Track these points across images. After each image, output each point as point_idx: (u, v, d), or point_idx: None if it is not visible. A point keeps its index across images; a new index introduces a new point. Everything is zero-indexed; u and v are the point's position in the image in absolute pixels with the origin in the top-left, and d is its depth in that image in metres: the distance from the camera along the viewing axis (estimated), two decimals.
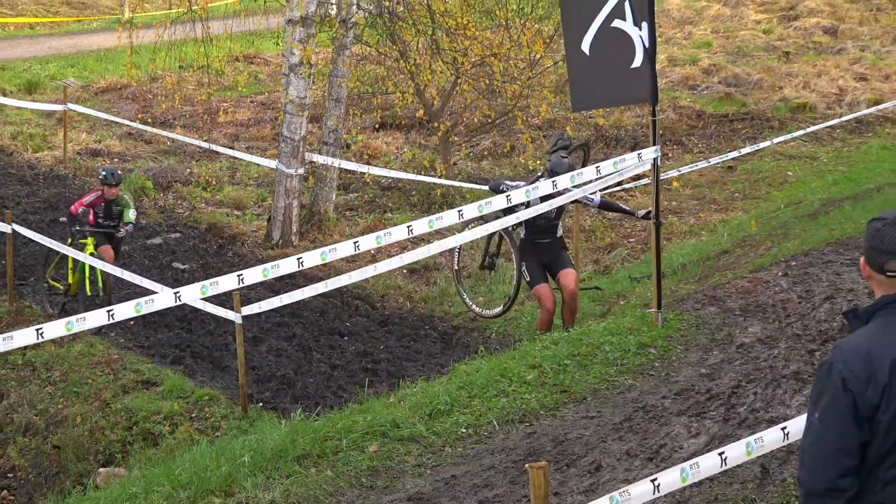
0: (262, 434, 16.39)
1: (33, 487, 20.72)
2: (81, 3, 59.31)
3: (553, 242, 19.05)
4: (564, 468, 13.59)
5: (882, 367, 6.96)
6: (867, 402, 6.98)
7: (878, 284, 7.22)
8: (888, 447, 7.04)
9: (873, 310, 7.22)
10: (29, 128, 37.21)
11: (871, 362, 6.98)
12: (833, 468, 7.13)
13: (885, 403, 6.97)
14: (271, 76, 40.60)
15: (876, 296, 7.27)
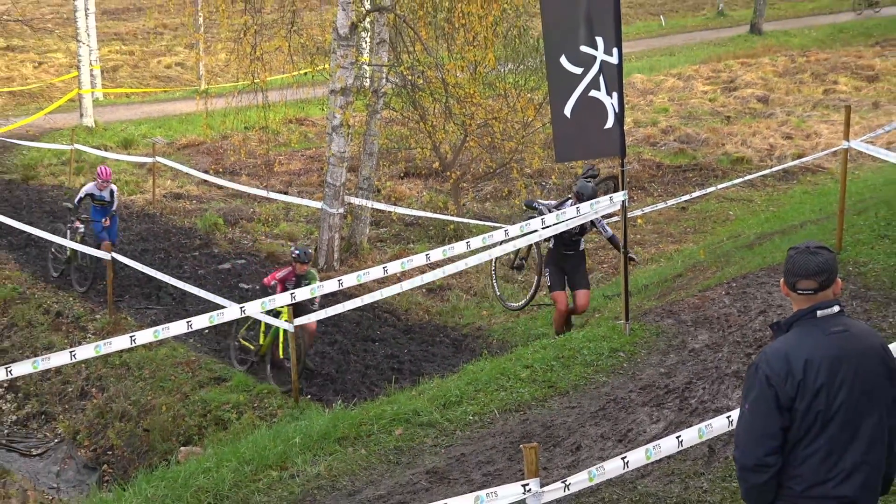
0: (310, 420, 16.40)
1: (128, 462, 20.70)
2: (167, 77, 59.30)
3: (575, 255, 18.89)
4: (551, 448, 13.58)
5: (797, 367, 7.16)
6: (786, 395, 7.18)
7: (794, 301, 7.44)
8: (804, 430, 7.23)
9: (791, 321, 7.43)
10: (125, 176, 37.22)
11: (788, 363, 7.20)
12: (761, 448, 7.29)
13: (800, 396, 7.18)
14: (317, 135, 40.59)
15: (794, 310, 7.42)
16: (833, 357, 7.25)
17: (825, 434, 7.25)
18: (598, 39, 16.11)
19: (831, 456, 7.27)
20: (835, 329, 7.33)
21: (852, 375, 7.26)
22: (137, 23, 70.52)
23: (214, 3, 34.97)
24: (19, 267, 28.77)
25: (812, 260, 7.33)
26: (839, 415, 7.25)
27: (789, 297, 7.46)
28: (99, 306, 25.43)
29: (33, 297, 26.83)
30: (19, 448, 22.70)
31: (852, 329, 7.43)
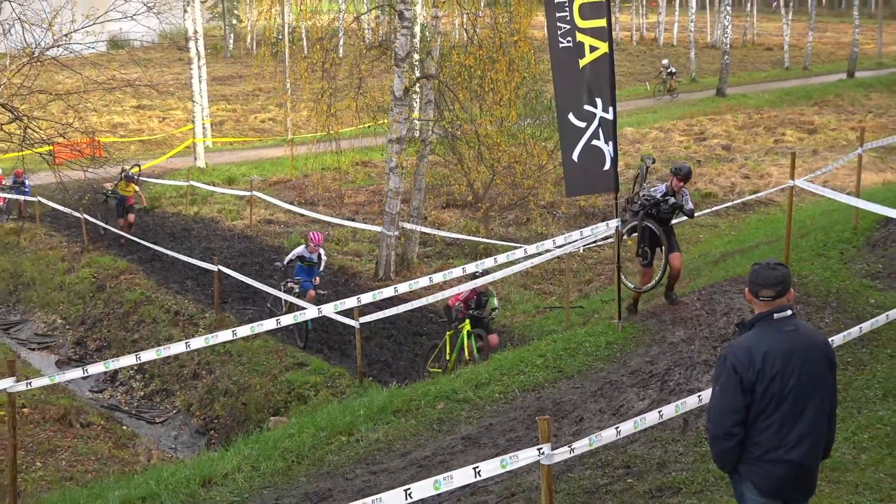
0: (371, 397, 16.34)
1: (229, 429, 20.68)
2: (262, 129, 59.43)
3: (666, 230, 17.54)
4: (560, 420, 13.51)
5: (758, 358, 7.28)
6: (748, 379, 7.35)
7: (756, 305, 7.55)
8: (762, 408, 7.38)
9: (753, 321, 7.55)
10: (228, 206, 37.30)
11: (751, 355, 7.32)
12: (728, 421, 7.41)
13: (759, 380, 7.30)
14: (378, 174, 40.61)
15: (755, 312, 7.47)
16: (786, 350, 7.38)
17: (779, 411, 7.37)
18: (598, 100, 16.19)
19: (784, 428, 7.38)
20: (787, 328, 7.47)
21: (801, 365, 7.40)
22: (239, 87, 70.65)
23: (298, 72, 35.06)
24: (146, 276, 28.87)
25: (772, 273, 7.48)
26: (790, 396, 7.38)
27: (752, 302, 7.56)
28: (208, 307, 25.46)
29: (157, 299, 26.91)
30: (146, 417, 22.75)
31: (801, 329, 7.58)
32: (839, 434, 8.77)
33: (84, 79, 21.56)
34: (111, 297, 28.24)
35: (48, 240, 34.21)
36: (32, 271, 31.72)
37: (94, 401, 23.57)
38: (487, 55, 28.14)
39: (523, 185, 31.69)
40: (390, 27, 29.36)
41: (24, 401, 19.67)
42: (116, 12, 20.32)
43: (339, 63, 31.54)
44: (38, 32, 19.79)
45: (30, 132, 19.09)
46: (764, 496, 7.52)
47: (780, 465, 7.41)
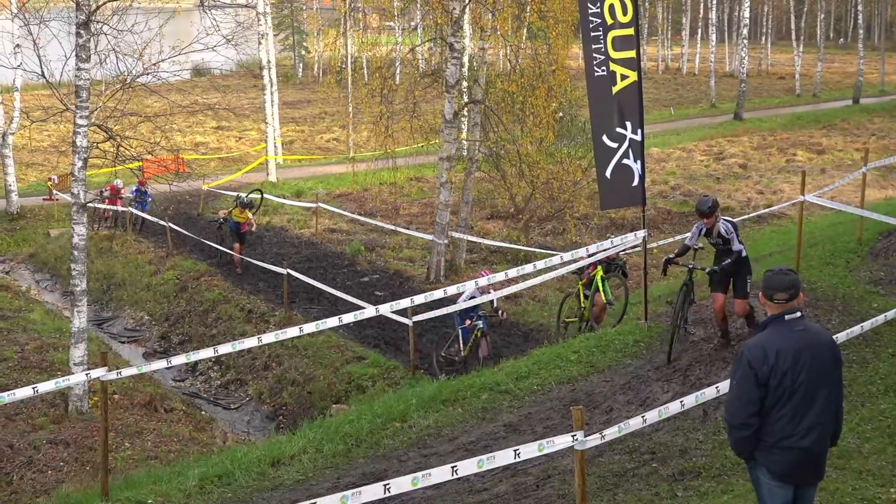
0: (423, 388, 16.36)
1: (296, 415, 20.74)
2: (327, 147, 59.41)
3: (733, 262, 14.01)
4: (592, 410, 13.46)
5: (771, 355, 7.27)
6: (763, 374, 7.36)
7: (769, 308, 7.55)
8: (775, 400, 7.36)
9: (766, 322, 7.54)
10: (296, 216, 37.41)
11: (765, 352, 7.32)
12: (745, 411, 7.45)
13: (773, 375, 7.29)
14: (430, 188, 40.60)
15: (768, 314, 7.47)
16: (796, 348, 7.38)
17: (791, 403, 7.37)
18: (628, 123, 16.18)
19: (795, 418, 7.37)
20: (798, 328, 7.47)
21: (810, 361, 7.39)
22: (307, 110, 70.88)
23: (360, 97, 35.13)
24: (224, 278, 28.99)
25: (784, 278, 7.50)
26: (801, 389, 7.37)
27: (766, 305, 7.55)
28: (277, 306, 25.53)
29: (233, 299, 27.02)
30: (222, 404, 22.84)
31: (810, 329, 7.58)
32: (845, 425, 8.67)
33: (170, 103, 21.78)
34: (192, 296, 28.39)
35: (137, 245, 34.43)
36: (123, 273, 31.94)
37: (177, 389, 23.71)
38: (528, 83, 28.08)
39: (560, 198, 31.57)
40: (442, 57, 29.35)
41: (114, 388, 19.82)
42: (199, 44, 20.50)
43: (396, 89, 31.57)
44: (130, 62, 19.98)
45: (122, 150, 19.29)
46: (777, 480, 7.50)
47: (792, 452, 7.40)
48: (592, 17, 16.26)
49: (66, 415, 18.81)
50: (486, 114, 29.07)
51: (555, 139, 30.46)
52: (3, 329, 24.63)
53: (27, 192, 45.12)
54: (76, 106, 18.25)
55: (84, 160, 18.46)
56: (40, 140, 58.01)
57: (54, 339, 23.82)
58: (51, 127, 56.33)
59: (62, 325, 24.83)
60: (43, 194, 43.81)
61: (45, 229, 39.80)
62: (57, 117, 20.87)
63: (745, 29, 63.39)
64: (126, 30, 19.80)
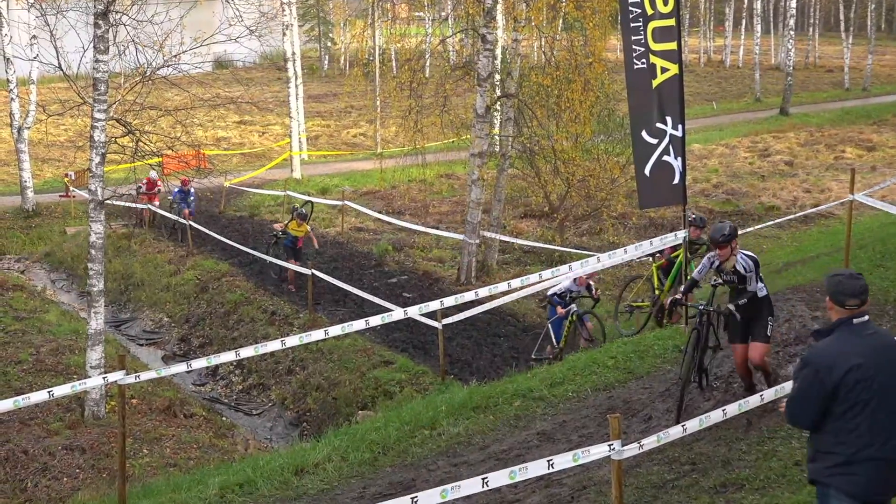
0: (453, 393, 16.36)
1: (320, 421, 20.77)
2: (353, 143, 59.65)
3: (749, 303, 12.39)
4: (630, 418, 13.42)
5: (840, 361, 7.19)
6: (831, 381, 7.18)
7: (837, 313, 7.39)
8: (847, 408, 7.23)
9: (833, 327, 7.43)
10: (322, 214, 37.48)
11: (832, 358, 7.23)
12: (806, 416, 7.37)
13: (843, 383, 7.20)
14: (461, 186, 40.60)
15: (832, 319, 7.45)
16: (868, 353, 7.26)
17: (866, 411, 7.20)
18: (668, 118, 16.16)
19: (873, 427, 7.19)
20: (867, 332, 7.37)
21: (884, 365, 7.26)
22: (333, 104, 71.00)
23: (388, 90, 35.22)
24: (246, 278, 29.09)
25: (857, 283, 7.40)
26: (877, 396, 7.22)
27: (832, 310, 7.43)
28: (302, 308, 25.59)
29: (255, 300, 27.10)
30: (244, 409, 22.90)
31: (879, 332, 7.51)
32: None
33: (191, 96, 21.85)
34: (213, 297, 28.49)
35: (156, 244, 34.59)
36: (142, 273, 32.09)
37: (197, 393, 23.79)
38: (564, 76, 28.06)
39: (597, 197, 31.52)
40: (473, 49, 29.37)
41: (132, 392, 19.92)
42: (222, 35, 20.57)
43: (426, 82, 31.60)
44: (150, 53, 20.07)
45: (141, 145, 19.38)
46: (854, 500, 7.28)
47: (871, 464, 7.19)
48: (632, 7, 16.25)
49: (83, 420, 18.90)
50: (520, 108, 29.05)
51: (591, 135, 30.41)
52: (17, 331, 24.79)
53: (43, 188, 45.39)
54: (94, 99, 18.34)
55: (102, 156, 18.54)
56: (57, 135, 58.33)
57: (70, 342, 23.95)
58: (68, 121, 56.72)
59: (78, 327, 24.95)
60: (59, 191, 44.06)
61: (61, 227, 40.00)
62: (74, 111, 21.01)
63: (791, 19, 63.07)
64: (146, 20, 19.88)
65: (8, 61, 39.95)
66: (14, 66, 40.25)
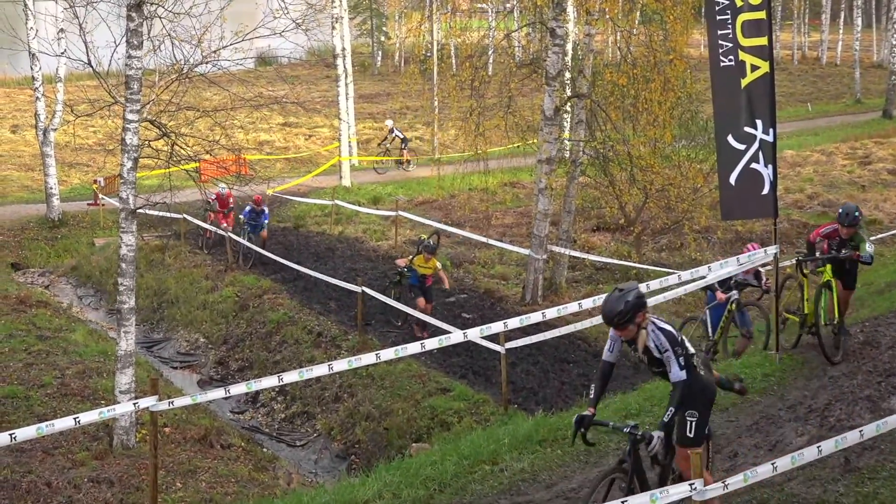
0: (516, 425, 16.32)
1: (370, 454, 20.79)
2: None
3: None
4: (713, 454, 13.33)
5: None
6: None
7: None
8: None
9: None
10: (373, 226, 37.63)
11: None
12: None
13: None
14: (527, 195, 40.60)
15: None
16: None
17: None
18: (758, 121, 16.08)
19: None
20: None
21: None
22: (386, 105, 71.29)
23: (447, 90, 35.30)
24: (289, 296, 29.22)
25: None
26: None
27: None
28: (351, 329, 25.66)
29: (300, 320, 27.21)
30: (286, 440, 22.99)
31: None
32: None
33: (231, 95, 21.97)
34: (254, 316, 28.65)
35: (192, 258, 34.86)
36: (176, 289, 32.34)
37: (235, 422, 23.91)
38: (641, 74, 27.99)
39: (677, 208, 31.41)
40: (541, 45, 29.41)
41: (165, 420, 20.04)
42: (265, 29, 20.67)
43: (489, 81, 31.64)
44: (188, 49, 20.18)
45: (177, 149, 19.48)
46: None
47: None
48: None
49: (111, 450, 19.01)
50: (593, 109, 29.01)
51: (672, 139, 30.31)
52: (41, 351, 25.02)
53: (70, 195, 45.89)
54: (126, 99, 18.51)
55: (134, 160, 18.70)
56: (85, 137, 58.98)
57: (98, 364, 24.14)
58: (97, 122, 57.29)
59: (107, 348, 25.16)
60: (87, 199, 44.57)
61: (89, 238, 40.45)
62: (104, 111, 21.14)
63: (895, 12, 62.50)
64: (183, 12, 20.00)
65: (33, 57, 40.45)
66: (40, 62, 40.75)
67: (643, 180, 29.69)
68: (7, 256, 39.34)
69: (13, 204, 45.75)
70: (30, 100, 53.68)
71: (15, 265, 39.06)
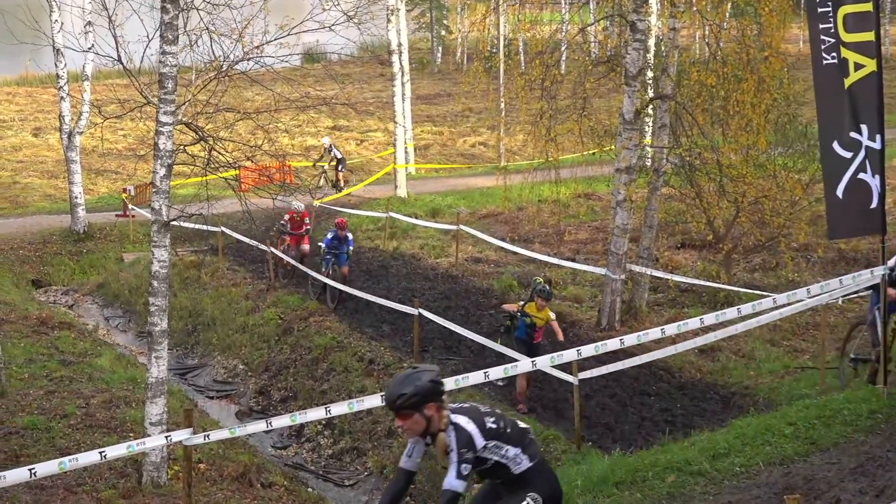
0: (590, 465, 16.29)
1: (428, 496, 20.70)
2: (471, 154, 59.98)
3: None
4: (812, 500, 13.22)
5: None
6: None
7: None
8: None
9: None
10: (432, 241, 37.69)
11: None
12: None
13: None
14: (603, 208, 40.53)
15: None
16: None
17: None
18: (863, 126, 15.95)
19: None
20: None
21: None
22: (447, 107, 71.54)
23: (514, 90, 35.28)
24: (338, 319, 29.29)
25: None
26: None
27: None
28: (406, 356, 25.68)
29: (349, 345, 27.26)
30: (334, 479, 23.03)
31: None
32: None
33: (275, 96, 22.08)
34: (299, 341, 28.74)
35: (231, 275, 35.04)
36: (213, 310, 32.52)
37: (277, 458, 23.99)
38: (732, 73, 27.88)
39: (772, 223, 31.18)
40: (620, 40, 29.34)
41: (200, 455, 20.13)
42: (313, 22, 20.75)
43: (561, 80, 31.60)
44: (228, 44, 20.30)
45: (214, 155, 19.56)
46: None
47: None
48: None
49: (140, 487, 19.13)
50: (677, 112, 28.92)
51: (767, 146, 30.14)
52: (64, 378, 25.23)
53: (97, 206, 46.34)
54: (159, 99, 18.64)
55: (168, 167, 18.82)
56: (114, 141, 59.60)
57: (126, 392, 24.33)
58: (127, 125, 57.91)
59: (136, 375, 25.35)
60: (116, 209, 44.96)
61: (117, 253, 40.79)
62: (135, 113, 21.34)
63: None
64: (223, 3, 20.15)
65: (58, 52, 40.75)
66: (65, 58, 41.06)
67: (734, 192, 29.51)
68: (27, 272, 39.73)
69: (35, 215, 46.23)
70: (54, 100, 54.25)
71: (36, 282, 39.45)
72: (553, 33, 32.40)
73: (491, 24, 42.95)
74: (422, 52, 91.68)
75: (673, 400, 22.79)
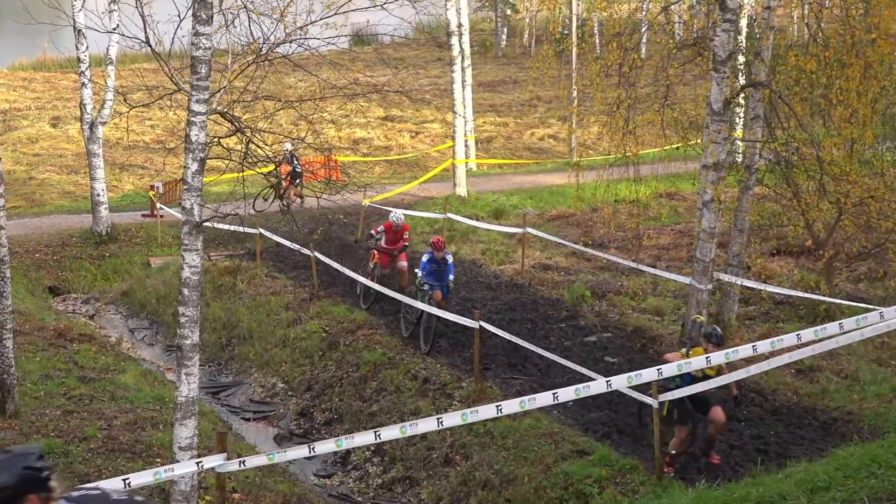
0: (673, 499, 16.28)
1: None
2: (539, 148, 59.96)
3: None
4: None
5: None
6: None
7: None
8: None
9: None
10: (495, 246, 37.70)
11: None
12: None
13: None
14: (687, 209, 40.43)
15: None
16: None
17: None
18: None
19: None
20: None
21: None
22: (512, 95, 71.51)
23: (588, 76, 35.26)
24: (389, 332, 29.28)
25: None
26: None
27: None
28: (465, 374, 25.67)
29: (402, 362, 27.26)
30: None
31: None
32: None
33: (320, 82, 22.10)
34: (345, 357, 28.77)
35: (270, 283, 35.11)
36: (250, 322, 32.60)
37: (321, 487, 24.04)
38: (835, 57, 27.71)
39: (880, 227, 30.96)
40: (708, 21, 29.22)
41: (234, 484, 20.21)
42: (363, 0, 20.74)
43: (641, 66, 31.49)
44: (268, 24, 20.31)
45: (252, 148, 19.55)
46: None
47: None
48: None
49: None
50: (772, 102, 28.78)
51: (874, 140, 29.94)
52: (83, 396, 25.36)
53: (121, 204, 46.60)
54: (192, 86, 18.67)
55: (201, 161, 18.84)
56: (141, 133, 59.91)
57: (153, 413, 24.44)
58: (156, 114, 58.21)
59: (164, 393, 25.46)
60: (142, 209, 45.18)
61: (143, 257, 40.98)
62: (164, 101, 21.42)
63: None
64: None
65: (79, 34, 40.88)
66: (87, 40, 41.19)
67: (836, 192, 29.31)
68: (44, 278, 39.97)
69: (52, 214, 46.50)
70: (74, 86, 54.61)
71: (53, 289, 39.69)
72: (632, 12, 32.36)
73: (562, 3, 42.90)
74: (484, 34, 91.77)
75: (766, 426, 22.68)
